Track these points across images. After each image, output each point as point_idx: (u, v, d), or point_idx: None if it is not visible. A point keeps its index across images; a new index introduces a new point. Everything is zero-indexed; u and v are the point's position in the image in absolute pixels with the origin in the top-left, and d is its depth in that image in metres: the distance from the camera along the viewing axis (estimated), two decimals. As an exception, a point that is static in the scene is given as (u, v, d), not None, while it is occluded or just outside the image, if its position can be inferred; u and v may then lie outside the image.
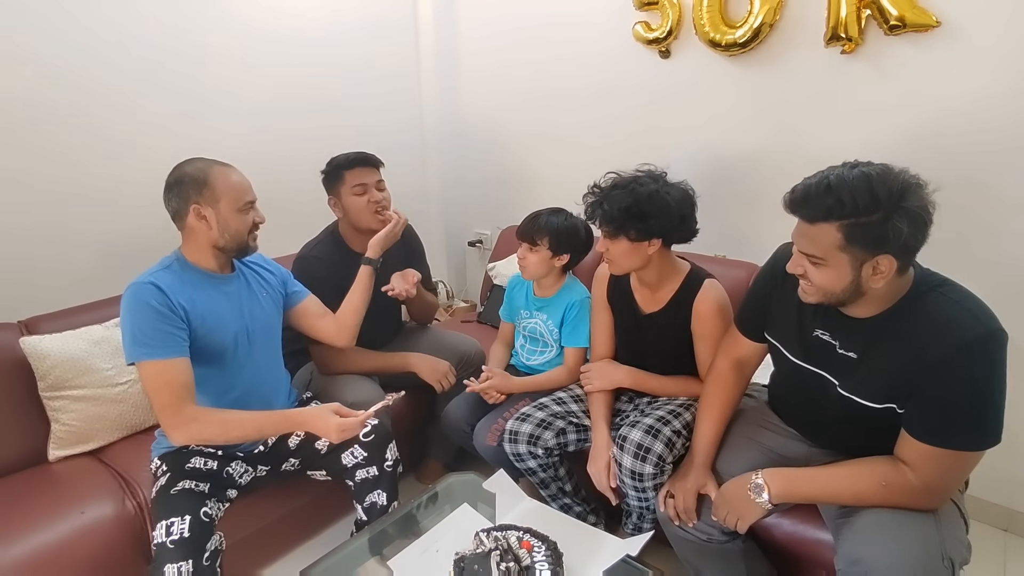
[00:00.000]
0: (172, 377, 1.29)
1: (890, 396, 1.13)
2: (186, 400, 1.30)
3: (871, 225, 1.02)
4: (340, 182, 1.78)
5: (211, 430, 1.32)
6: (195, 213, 1.37)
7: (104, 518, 1.41)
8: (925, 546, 1.06)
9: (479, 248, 2.97)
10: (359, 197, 1.78)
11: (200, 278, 1.42)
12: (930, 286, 1.11)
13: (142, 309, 1.30)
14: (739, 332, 1.43)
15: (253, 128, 2.26)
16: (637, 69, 2.23)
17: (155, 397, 1.29)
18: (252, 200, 1.44)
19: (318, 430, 1.38)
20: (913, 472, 1.10)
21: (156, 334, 1.29)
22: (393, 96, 2.73)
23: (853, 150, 1.77)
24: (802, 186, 1.11)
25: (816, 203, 1.06)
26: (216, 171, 1.39)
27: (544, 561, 1.16)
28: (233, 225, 1.40)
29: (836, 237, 1.05)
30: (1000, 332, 1.04)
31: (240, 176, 1.44)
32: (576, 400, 1.73)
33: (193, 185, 1.37)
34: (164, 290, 1.32)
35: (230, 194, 1.39)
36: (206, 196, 1.37)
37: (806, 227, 1.10)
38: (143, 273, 1.38)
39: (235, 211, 1.40)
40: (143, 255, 1.98)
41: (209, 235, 1.40)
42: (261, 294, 1.55)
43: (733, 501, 1.26)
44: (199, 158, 1.43)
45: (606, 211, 1.47)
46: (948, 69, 1.64)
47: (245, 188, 1.43)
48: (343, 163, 1.79)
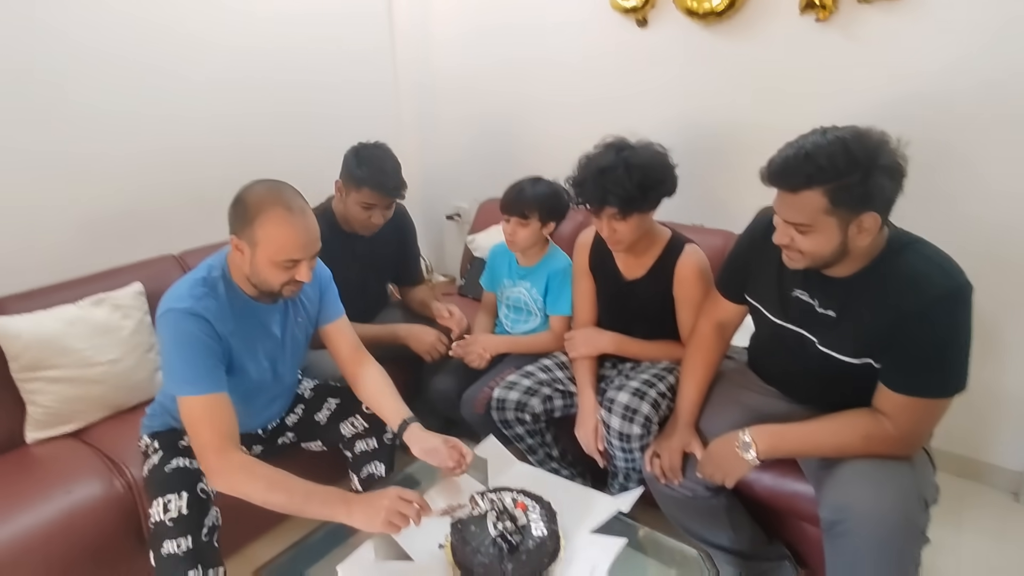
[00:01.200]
0: (216, 414, 1.19)
1: (867, 350, 1.19)
2: (231, 441, 1.19)
3: (854, 185, 1.06)
4: (355, 188, 1.74)
5: (255, 486, 1.16)
6: (234, 243, 1.24)
7: (93, 497, 1.39)
8: (903, 490, 1.12)
9: (457, 221, 2.96)
10: (363, 211, 1.76)
11: (244, 306, 1.30)
12: (903, 244, 1.16)
13: (189, 341, 1.19)
14: (720, 295, 1.47)
15: (221, 97, 2.19)
16: (614, 38, 2.23)
17: (196, 435, 1.18)
18: (297, 259, 1.23)
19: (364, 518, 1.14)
20: (891, 422, 1.16)
21: (202, 367, 1.19)
22: (366, 70, 2.67)
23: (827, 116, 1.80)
24: (779, 158, 1.13)
25: (797, 172, 1.09)
26: (270, 215, 1.19)
27: (539, 520, 1.19)
28: (263, 275, 1.23)
29: (822, 202, 1.08)
30: (967, 285, 1.10)
31: (296, 229, 1.21)
32: (561, 367, 1.76)
33: (242, 215, 1.21)
34: (212, 323, 1.21)
35: (270, 247, 1.20)
36: (246, 233, 1.21)
37: (789, 197, 1.12)
38: (184, 289, 1.23)
39: (270, 263, 1.21)
40: (117, 233, 1.97)
41: (243, 268, 1.26)
42: (298, 321, 1.43)
43: (721, 459, 1.31)
44: (272, 185, 1.24)
45: (621, 193, 1.44)
46: (916, 36, 1.69)
47: (293, 245, 1.21)
48: (366, 178, 1.71)
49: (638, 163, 1.45)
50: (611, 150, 1.50)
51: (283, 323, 1.40)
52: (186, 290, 1.23)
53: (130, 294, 1.75)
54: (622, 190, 1.44)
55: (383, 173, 1.73)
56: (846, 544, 1.12)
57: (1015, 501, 1.87)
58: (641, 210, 1.50)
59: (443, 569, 1.16)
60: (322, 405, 1.57)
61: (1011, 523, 1.79)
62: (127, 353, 1.70)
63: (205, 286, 1.25)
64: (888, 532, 1.08)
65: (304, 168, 2.40)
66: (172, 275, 1.89)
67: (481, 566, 1.11)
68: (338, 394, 1.59)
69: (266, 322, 1.36)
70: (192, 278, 1.26)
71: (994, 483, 1.91)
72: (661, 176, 1.49)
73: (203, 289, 1.24)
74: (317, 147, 2.47)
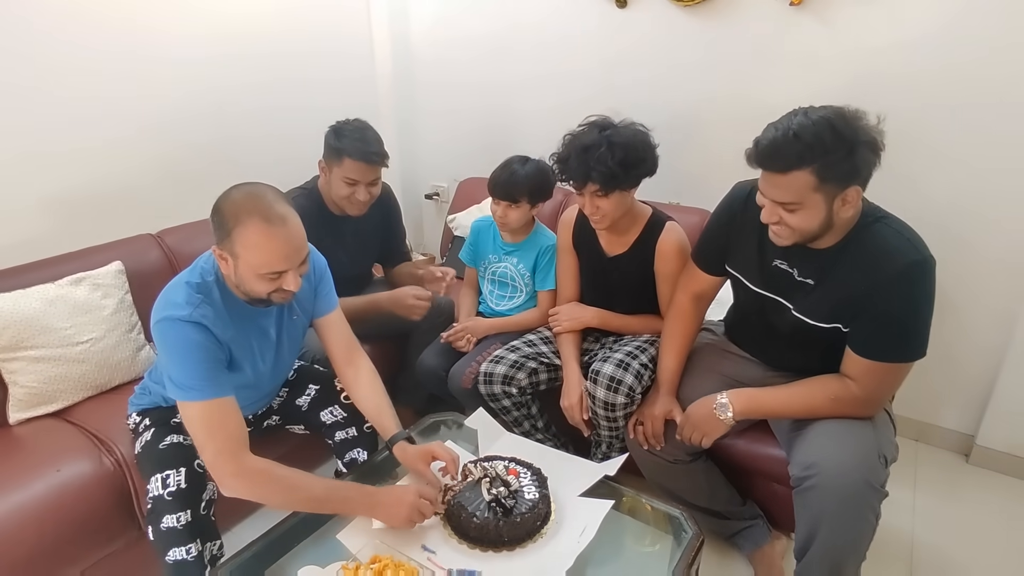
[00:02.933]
0: (227, 419, 1.16)
1: (837, 316, 1.26)
2: (244, 445, 1.17)
3: (840, 161, 1.11)
4: (337, 162, 1.72)
5: (276, 489, 1.15)
6: (216, 253, 1.19)
7: (83, 475, 1.39)
8: (865, 448, 1.21)
9: (436, 201, 2.97)
10: (346, 186, 1.74)
11: (239, 310, 1.27)
12: (875, 218, 1.23)
13: (190, 348, 1.16)
14: (697, 268, 1.53)
15: (197, 74, 2.15)
16: (593, 18, 2.25)
17: (209, 441, 1.15)
18: (280, 271, 1.17)
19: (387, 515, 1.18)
20: (857, 385, 1.25)
21: (208, 373, 1.17)
22: (343, 48, 2.64)
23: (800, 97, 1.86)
24: (766, 140, 1.17)
25: (787, 152, 1.13)
26: (248, 227, 1.12)
27: (531, 484, 1.25)
28: (248, 285, 1.19)
29: (810, 180, 1.13)
30: (931, 259, 1.18)
31: (277, 241, 1.14)
32: (546, 342, 1.81)
33: (219, 226, 1.15)
34: (211, 329, 1.18)
35: (251, 258, 1.14)
36: (226, 246, 1.15)
37: (778, 177, 1.17)
38: (181, 296, 1.19)
39: (254, 275, 1.17)
40: (90, 212, 1.94)
41: (230, 277, 1.21)
42: (293, 319, 1.40)
43: (699, 420, 1.39)
44: (249, 190, 1.16)
45: (604, 171, 1.47)
46: (883, 19, 1.76)
47: (275, 258, 1.15)
48: (347, 150, 1.69)
49: (620, 142, 1.49)
50: (595, 128, 1.53)
51: (278, 324, 1.38)
52: (182, 297, 1.19)
53: (111, 272, 1.73)
54: (605, 167, 1.47)
55: (363, 142, 1.70)
56: (813, 498, 1.21)
57: (965, 462, 2.01)
58: (622, 188, 1.54)
59: (439, 533, 1.20)
60: (304, 390, 1.57)
61: (961, 481, 1.93)
62: (109, 332, 1.68)
63: (200, 292, 1.21)
64: (851, 486, 1.17)
65: (280, 145, 2.42)
66: (151, 254, 1.89)
67: (477, 529, 1.16)
68: (319, 380, 1.59)
69: (263, 324, 1.34)
70: (187, 284, 1.21)
71: (946, 445, 2.04)
72: (643, 155, 1.53)
73: (199, 296, 1.20)
74: (293, 124, 2.45)
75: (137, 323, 1.76)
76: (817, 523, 1.22)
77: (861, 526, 1.20)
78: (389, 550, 1.15)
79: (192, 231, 2.01)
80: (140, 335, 1.76)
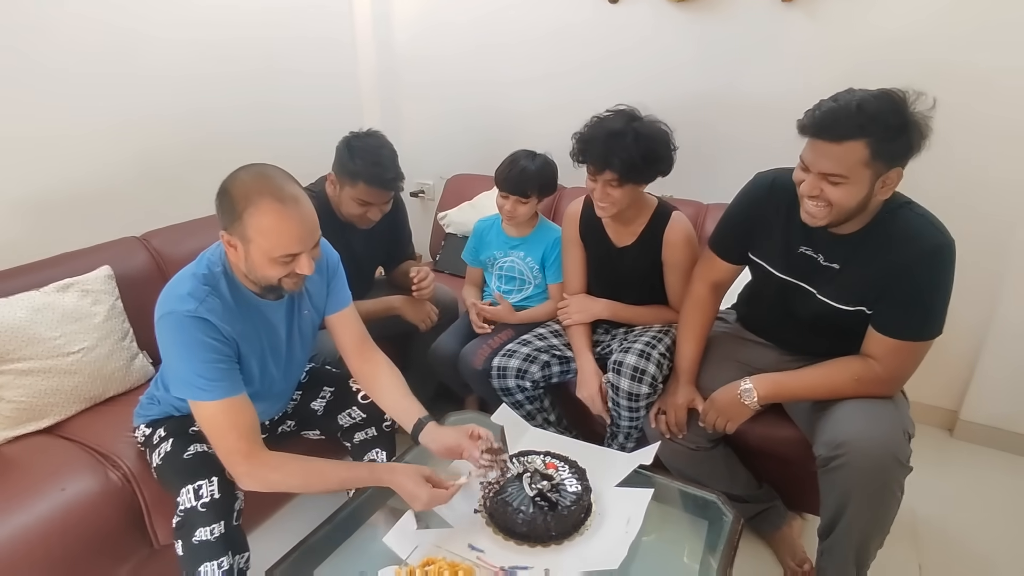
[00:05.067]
0: (239, 418, 1.14)
1: (862, 299, 1.30)
2: (257, 443, 1.15)
3: (894, 139, 1.13)
4: (351, 183, 1.65)
5: (293, 481, 1.17)
6: (225, 239, 1.14)
7: (90, 492, 1.30)
8: (891, 425, 1.25)
9: (421, 199, 2.92)
10: (359, 207, 1.69)
11: (248, 304, 1.22)
12: (899, 204, 1.27)
13: (195, 346, 1.12)
14: (716, 256, 1.54)
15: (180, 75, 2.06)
16: (583, 13, 2.25)
17: (220, 441, 1.14)
18: (295, 253, 1.12)
19: (404, 495, 1.17)
20: (880, 364, 1.29)
21: (215, 372, 1.13)
22: (326, 45, 2.56)
23: (790, 92, 1.97)
24: (825, 109, 1.17)
25: (846, 122, 1.13)
26: (259, 207, 1.07)
27: (571, 477, 1.24)
28: (260, 272, 1.14)
29: (864, 153, 1.14)
30: (952, 242, 1.23)
31: (290, 221, 1.10)
32: (556, 335, 1.81)
33: (228, 210, 1.10)
34: (217, 325, 1.14)
35: (264, 243, 1.09)
36: (236, 229, 1.10)
37: (831, 147, 1.16)
38: (185, 288, 1.14)
39: (266, 260, 1.11)
40: (71, 212, 1.83)
41: (239, 265, 1.17)
42: (303, 315, 1.35)
43: (724, 406, 1.41)
44: (259, 171, 1.12)
45: (626, 159, 1.47)
46: (870, 15, 1.83)
47: (288, 240, 1.10)
48: (362, 174, 1.63)
49: (647, 134, 1.50)
50: (622, 117, 1.53)
51: (288, 319, 1.33)
52: (187, 290, 1.14)
53: (100, 278, 1.63)
54: (627, 156, 1.47)
55: (379, 166, 1.63)
56: (840, 476, 1.24)
57: (949, 436, 2.11)
58: (637, 181, 1.55)
59: (483, 531, 1.19)
60: (318, 393, 1.53)
61: (947, 455, 2.04)
62: (101, 340, 1.58)
63: (207, 284, 1.16)
64: (877, 463, 1.21)
65: (264, 143, 2.32)
66: (137, 257, 1.79)
67: (525, 524, 1.15)
68: (333, 382, 1.54)
69: (272, 320, 1.28)
70: (192, 276, 1.17)
71: (931, 421, 2.15)
72: (664, 153, 1.54)
73: (206, 289, 1.15)
74: (278, 122, 2.37)
75: (129, 330, 1.67)
76: (846, 501, 1.26)
77: (889, 501, 1.25)
78: (438, 551, 1.12)
79: (178, 233, 1.92)
80: (133, 343, 1.67)
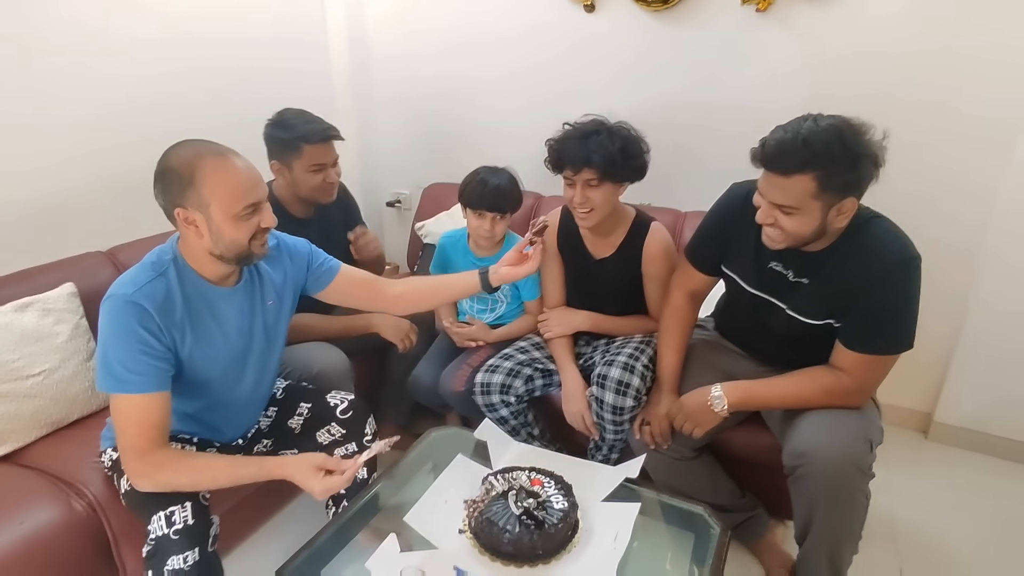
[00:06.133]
0: (145, 416, 1.10)
1: (830, 313, 1.31)
2: (155, 443, 1.11)
3: (842, 173, 1.14)
4: (296, 154, 1.64)
5: (181, 480, 1.13)
6: (181, 218, 1.11)
7: (51, 524, 1.23)
8: (851, 435, 1.26)
9: (398, 208, 2.88)
10: (315, 174, 1.66)
11: (199, 292, 1.19)
12: (866, 218, 1.28)
13: (124, 333, 1.09)
14: (692, 267, 1.55)
15: (145, 85, 1.98)
16: (560, 22, 2.25)
17: (121, 435, 1.12)
18: (255, 202, 1.13)
19: (300, 484, 1.14)
20: (849, 377, 1.30)
21: (136, 364, 1.09)
22: (298, 54, 2.51)
23: (765, 100, 1.99)
24: (774, 141, 1.19)
25: (793, 156, 1.15)
26: (207, 166, 1.08)
27: (557, 493, 1.22)
28: (227, 235, 1.12)
29: (811, 186, 1.16)
30: (918, 256, 1.24)
31: (240, 171, 1.12)
32: (538, 348, 1.79)
33: (176, 183, 1.08)
34: (153, 313, 1.10)
35: (223, 198, 1.09)
36: (191, 199, 1.09)
37: (780, 179, 1.19)
38: (130, 275, 1.14)
39: (231, 219, 1.11)
40: (31, 226, 1.76)
41: (201, 243, 1.13)
42: (267, 303, 1.31)
43: (692, 410, 1.42)
44: (189, 142, 1.13)
45: (604, 155, 1.47)
46: (843, 26, 1.86)
47: (244, 188, 1.11)
48: (305, 136, 1.62)
49: (620, 134, 1.51)
50: (593, 122, 1.54)
51: (250, 301, 1.28)
52: (131, 276, 1.14)
53: (62, 296, 1.55)
54: (606, 152, 1.47)
55: (312, 123, 1.66)
56: (806, 485, 1.27)
57: (924, 438, 2.15)
58: (615, 179, 1.53)
59: (469, 552, 1.16)
60: (294, 411, 1.48)
61: (922, 457, 2.07)
62: (63, 362, 1.51)
63: (153, 271, 1.15)
64: (839, 471, 1.23)
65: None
66: (103, 273, 1.72)
67: (511, 544, 1.12)
68: (310, 398, 1.49)
69: (224, 309, 1.23)
70: (141, 264, 1.17)
71: (906, 424, 2.18)
72: (638, 150, 1.55)
73: (150, 274, 1.14)
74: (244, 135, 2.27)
75: (94, 351, 1.59)
76: (812, 509, 1.28)
77: (853, 508, 1.27)
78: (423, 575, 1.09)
79: (146, 247, 1.77)
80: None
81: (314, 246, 1.42)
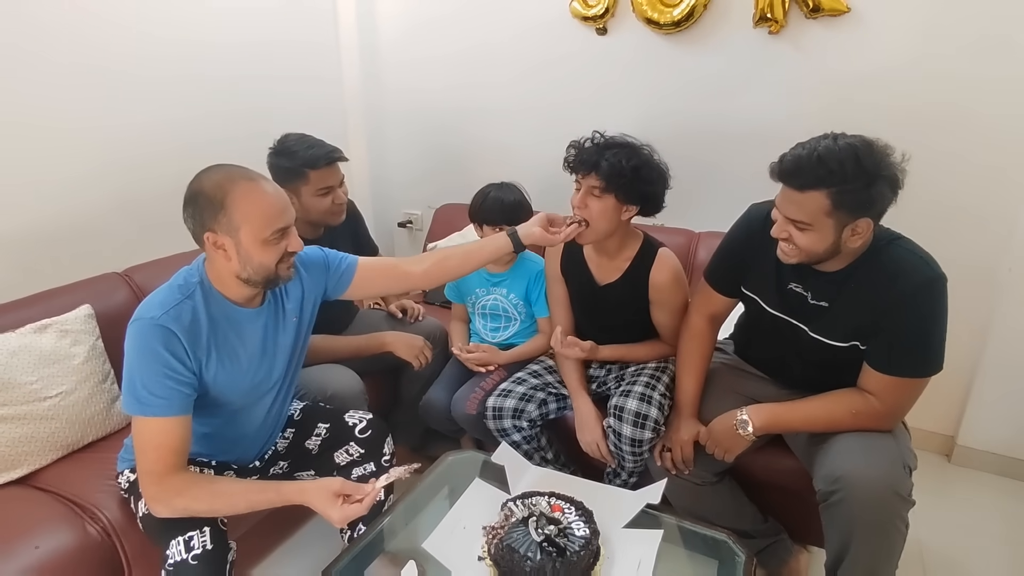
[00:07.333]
0: (164, 440, 1.11)
1: (855, 335, 1.29)
2: (173, 468, 1.11)
3: (857, 191, 1.14)
4: (302, 181, 1.64)
5: (198, 505, 1.12)
6: (211, 242, 1.13)
7: (66, 549, 1.22)
8: (889, 459, 1.23)
9: (410, 229, 2.89)
10: (323, 198, 1.67)
11: (225, 314, 1.20)
12: (888, 240, 1.27)
13: (149, 356, 1.10)
14: (712, 290, 1.53)
15: (161, 106, 2.02)
16: (572, 44, 2.27)
17: (140, 457, 1.12)
18: (284, 227, 1.16)
19: (318, 511, 1.14)
20: (878, 400, 1.28)
21: (160, 388, 1.10)
22: (309, 75, 2.55)
23: (779, 121, 1.99)
24: (791, 157, 1.20)
25: (808, 173, 1.16)
26: (238, 191, 1.11)
27: (578, 520, 1.19)
28: (256, 258, 1.14)
29: (824, 204, 1.16)
30: (944, 276, 1.22)
31: (270, 196, 1.14)
32: (550, 371, 1.77)
33: (208, 207, 1.11)
34: (180, 336, 1.11)
35: (253, 222, 1.11)
36: (222, 223, 1.11)
37: (795, 194, 1.19)
38: (158, 297, 1.15)
39: (259, 242, 1.13)
40: (51, 249, 1.77)
41: (229, 266, 1.15)
42: (291, 320, 1.32)
43: (720, 436, 1.39)
44: (219, 166, 1.15)
45: (613, 163, 1.44)
46: (854, 48, 1.87)
47: (274, 214, 1.14)
48: (309, 162, 1.62)
49: (641, 155, 1.49)
50: (621, 137, 1.53)
51: (274, 321, 1.30)
52: (159, 299, 1.15)
53: (79, 318, 1.56)
54: (616, 161, 1.45)
55: (314, 147, 1.65)
56: (842, 512, 1.22)
57: (947, 462, 2.10)
58: (619, 194, 1.48)
59: (488, 580, 1.13)
60: (312, 431, 1.47)
61: (947, 481, 2.02)
62: (80, 383, 1.51)
63: (180, 293, 1.16)
64: (879, 498, 1.19)
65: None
66: (119, 294, 1.73)
67: (533, 572, 1.09)
68: (328, 418, 1.49)
69: (249, 330, 1.25)
70: (168, 287, 1.18)
71: (929, 447, 2.14)
72: (655, 177, 1.51)
73: (178, 296, 1.15)
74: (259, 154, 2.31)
75: (110, 372, 1.60)
76: (848, 537, 1.23)
77: (892, 536, 1.22)
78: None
79: (162, 268, 1.83)
80: (114, 385, 1.60)
81: (327, 249, 1.41)
